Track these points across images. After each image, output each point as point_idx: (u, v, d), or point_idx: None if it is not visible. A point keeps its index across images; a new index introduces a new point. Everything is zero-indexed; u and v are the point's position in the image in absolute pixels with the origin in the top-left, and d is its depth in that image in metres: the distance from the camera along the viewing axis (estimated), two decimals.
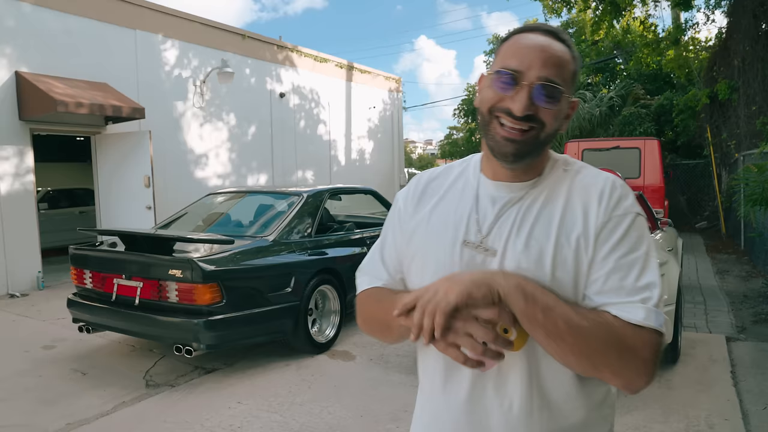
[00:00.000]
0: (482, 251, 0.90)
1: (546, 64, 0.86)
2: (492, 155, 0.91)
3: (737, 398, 3.34)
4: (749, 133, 8.87)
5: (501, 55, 0.90)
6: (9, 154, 7.06)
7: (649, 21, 11.98)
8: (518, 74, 0.86)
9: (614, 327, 0.81)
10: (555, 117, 0.88)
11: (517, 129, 0.86)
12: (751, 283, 6.56)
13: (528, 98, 0.85)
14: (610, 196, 0.88)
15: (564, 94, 0.87)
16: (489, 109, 0.89)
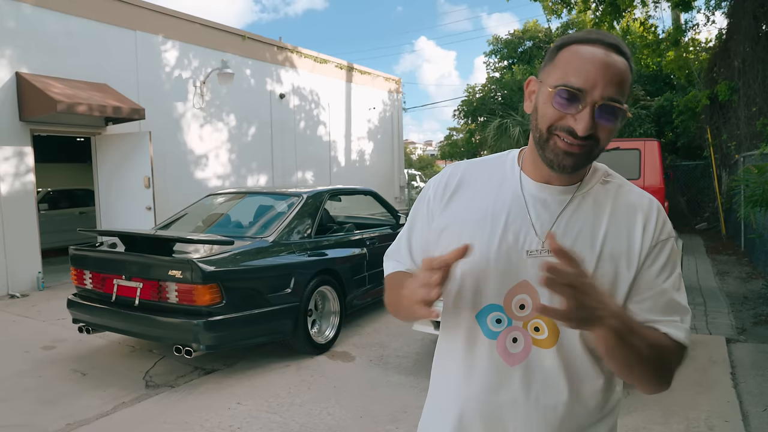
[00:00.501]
0: (546, 254, 0.90)
1: (610, 82, 0.85)
2: (546, 165, 0.92)
3: (737, 400, 3.34)
4: (749, 134, 8.87)
5: (561, 68, 0.88)
6: (9, 155, 7.07)
7: (649, 22, 11.98)
8: (581, 93, 0.85)
9: (667, 347, 0.89)
10: (611, 132, 0.89)
11: (577, 145, 0.87)
12: (751, 285, 6.56)
13: (591, 119, 0.85)
14: (657, 220, 0.93)
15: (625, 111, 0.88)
16: (548, 127, 0.89)
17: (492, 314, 0.94)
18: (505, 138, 14.46)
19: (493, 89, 17.13)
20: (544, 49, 18.93)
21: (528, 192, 0.96)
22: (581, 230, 0.92)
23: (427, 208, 1.05)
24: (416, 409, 3.26)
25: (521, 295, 0.92)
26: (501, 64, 20.05)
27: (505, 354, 0.93)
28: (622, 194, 0.96)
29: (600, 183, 0.97)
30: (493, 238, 0.94)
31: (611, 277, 0.90)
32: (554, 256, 0.77)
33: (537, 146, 0.93)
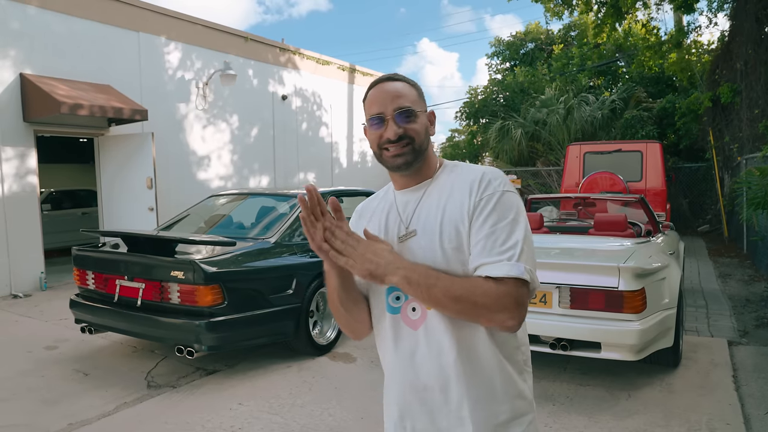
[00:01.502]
0: (410, 236, 1.19)
1: (394, 98, 1.19)
2: (393, 171, 1.24)
3: (739, 403, 3.34)
4: (752, 136, 8.86)
5: (367, 108, 1.23)
6: (13, 155, 7.10)
7: (651, 24, 11.98)
8: (381, 114, 1.19)
9: (481, 287, 1.06)
10: (419, 129, 1.20)
11: (397, 148, 1.18)
12: (754, 287, 6.54)
13: (395, 124, 1.18)
14: (481, 180, 1.17)
15: (417, 111, 1.20)
16: (377, 145, 1.21)
17: (392, 294, 1.20)
18: (507, 140, 14.46)
19: (495, 91, 17.12)
20: (545, 50, 18.94)
21: (398, 200, 1.26)
22: (430, 209, 1.19)
23: None
24: None
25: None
26: (503, 65, 20.05)
27: (409, 321, 1.18)
28: (460, 173, 1.22)
29: (447, 173, 1.24)
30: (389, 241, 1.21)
31: (454, 237, 1.14)
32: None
33: (383, 164, 1.23)
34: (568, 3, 10.93)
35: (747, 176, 5.68)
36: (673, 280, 3.79)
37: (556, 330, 3.40)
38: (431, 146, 1.27)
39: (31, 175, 7.29)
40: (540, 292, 3.49)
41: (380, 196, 1.36)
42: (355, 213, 1.39)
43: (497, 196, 1.14)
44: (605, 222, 4.49)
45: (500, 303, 1.05)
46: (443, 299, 1.07)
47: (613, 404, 3.36)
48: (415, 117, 1.20)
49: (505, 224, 1.11)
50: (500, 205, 1.13)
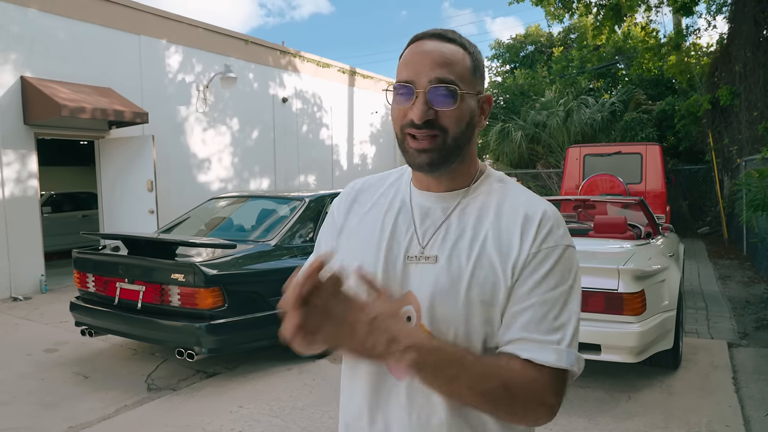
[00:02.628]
0: (424, 260, 0.88)
1: (434, 66, 0.85)
2: (414, 169, 0.92)
3: (739, 405, 3.34)
4: (751, 138, 8.87)
5: (397, 72, 0.89)
6: (14, 158, 7.11)
7: (650, 27, 12.01)
8: (411, 83, 0.85)
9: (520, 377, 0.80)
10: (458, 117, 0.86)
11: (425, 138, 0.85)
12: (754, 289, 6.54)
13: (424, 103, 0.84)
14: (542, 223, 0.86)
15: (462, 91, 0.86)
16: (400, 128, 0.88)
17: None
18: (507, 142, 14.48)
19: (495, 93, 17.16)
20: (545, 53, 18.97)
21: (414, 201, 0.94)
22: (461, 236, 0.88)
23: (333, 225, 1.02)
24: None
25: (407, 307, 0.87)
26: (503, 68, 20.08)
27: (394, 369, 0.87)
28: (508, 197, 0.91)
29: (490, 187, 0.93)
30: (380, 250, 0.91)
31: (489, 286, 0.84)
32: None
33: (402, 152, 0.91)
34: (568, 6, 10.96)
35: (746, 178, 5.68)
36: (673, 282, 3.79)
37: None
38: (474, 144, 0.94)
39: (32, 177, 7.30)
40: None
41: (390, 181, 1.02)
42: (349, 190, 1.04)
43: (559, 251, 0.85)
44: (605, 224, 4.50)
45: (540, 398, 0.80)
46: (467, 395, 0.79)
47: (613, 406, 3.36)
48: (458, 99, 0.85)
49: (561, 293, 0.84)
50: (561, 265, 0.85)
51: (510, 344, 0.83)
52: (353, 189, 1.04)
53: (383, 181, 1.03)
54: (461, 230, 0.89)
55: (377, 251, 0.91)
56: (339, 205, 1.03)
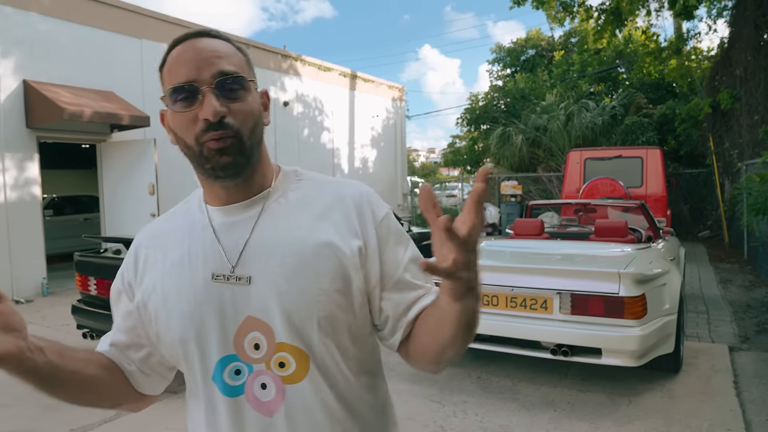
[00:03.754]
0: (234, 281, 0.81)
1: (213, 60, 0.79)
2: (213, 180, 0.83)
3: (740, 408, 3.34)
4: (752, 142, 8.88)
5: (166, 80, 0.81)
6: (16, 162, 7.13)
7: (651, 31, 12.04)
8: (194, 82, 0.78)
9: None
10: (250, 111, 0.81)
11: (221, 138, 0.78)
12: (755, 293, 6.54)
13: (216, 99, 0.78)
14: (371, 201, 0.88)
15: (248, 80, 0.82)
16: (195, 138, 0.79)
17: (229, 367, 0.81)
18: (507, 146, 14.50)
19: (496, 97, 17.19)
20: (546, 57, 19.01)
21: (216, 222, 0.86)
22: (285, 236, 0.83)
23: (124, 284, 0.92)
24: (421, 417, 3.26)
25: (252, 334, 0.81)
26: (504, 72, 20.14)
27: (259, 405, 0.80)
28: (324, 186, 0.90)
29: (293, 184, 0.90)
30: (195, 286, 0.83)
31: (340, 270, 0.81)
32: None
33: (198, 167, 0.82)
34: (569, 10, 10.99)
35: (747, 182, 5.69)
36: (674, 286, 3.79)
37: (556, 336, 3.41)
38: (264, 142, 0.87)
39: (34, 180, 7.32)
40: (541, 297, 3.50)
41: (178, 213, 0.93)
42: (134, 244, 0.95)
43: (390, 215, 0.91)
44: (606, 228, 4.51)
45: None
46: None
47: (614, 410, 3.35)
48: (246, 91, 0.81)
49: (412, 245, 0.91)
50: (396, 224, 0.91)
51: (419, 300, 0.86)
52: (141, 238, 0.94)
53: (174, 216, 0.94)
54: (281, 232, 0.83)
55: (192, 286, 0.83)
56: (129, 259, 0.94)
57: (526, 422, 3.21)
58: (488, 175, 0.65)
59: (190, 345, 0.83)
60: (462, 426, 3.19)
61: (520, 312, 3.55)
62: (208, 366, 0.83)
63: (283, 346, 0.80)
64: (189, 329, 0.82)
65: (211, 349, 0.82)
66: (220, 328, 0.82)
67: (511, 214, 12.89)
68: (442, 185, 23.19)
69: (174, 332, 0.84)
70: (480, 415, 3.31)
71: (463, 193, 17.14)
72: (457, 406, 3.44)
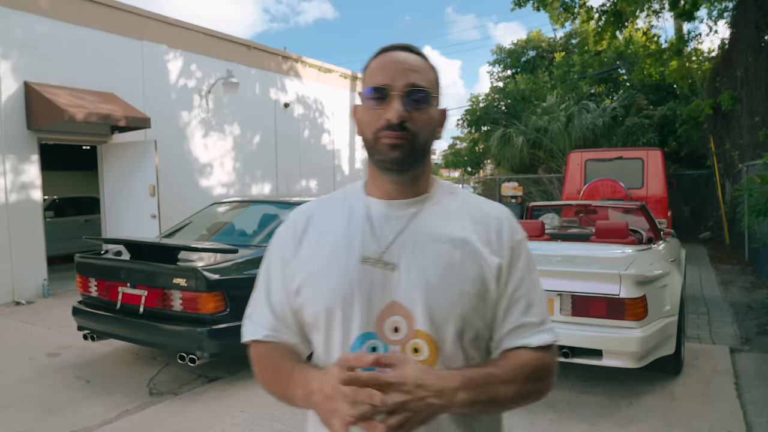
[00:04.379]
0: (381, 266, 0.91)
1: (409, 72, 0.92)
2: (382, 172, 0.94)
3: (741, 410, 3.33)
4: (752, 143, 8.88)
5: (366, 80, 0.95)
6: (17, 163, 7.14)
7: (651, 32, 12.04)
8: (387, 87, 0.91)
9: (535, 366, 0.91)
10: (427, 122, 0.93)
11: (396, 136, 0.90)
12: (756, 294, 6.53)
13: (400, 105, 0.89)
14: (510, 222, 0.97)
15: (432, 96, 0.93)
16: (373, 132, 0.92)
17: (367, 343, 0.90)
18: (508, 147, 14.50)
19: (496, 99, 17.19)
20: (547, 58, 19.01)
21: (375, 212, 0.96)
22: (438, 237, 0.92)
23: (279, 257, 1.01)
24: None
25: (393, 317, 0.90)
26: (505, 73, 20.13)
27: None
28: (473, 203, 1.00)
29: (448, 194, 1.00)
30: (350, 265, 0.92)
31: (479, 278, 0.91)
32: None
33: (370, 157, 0.95)
34: (570, 11, 10.99)
35: (748, 183, 5.69)
36: (675, 288, 3.79)
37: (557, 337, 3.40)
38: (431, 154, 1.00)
39: (35, 182, 7.33)
40: None
41: (339, 199, 1.03)
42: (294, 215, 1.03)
43: (525, 242, 0.99)
44: (606, 229, 4.50)
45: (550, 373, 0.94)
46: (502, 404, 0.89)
47: (615, 411, 3.35)
48: (428, 105, 0.92)
49: (536, 277, 0.98)
50: (528, 253, 0.98)
51: (511, 333, 0.93)
52: (301, 214, 1.03)
53: (330, 202, 1.03)
54: (434, 233, 0.93)
55: (348, 268, 0.92)
56: (287, 232, 1.02)
57: (527, 423, 3.21)
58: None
59: (335, 317, 0.92)
60: None
61: None
62: (348, 339, 0.91)
63: (420, 334, 0.89)
64: (337, 302, 0.91)
65: (353, 324, 0.91)
66: (366, 307, 0.90)
67: None
68: None
69: (321, 303, 0.93)
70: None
71: None
72: None
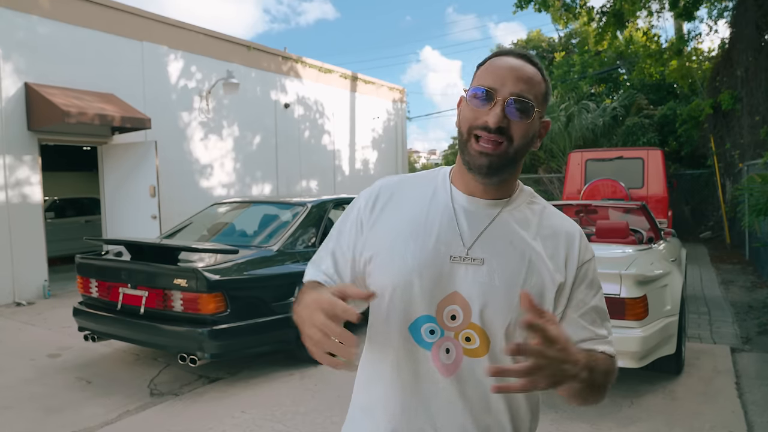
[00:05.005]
0: (469, 261, 0.94)
1: (518, 81, 0.92)
2: (468, 170, 0.96)
3: (742, 410, 3.33)
4: (753, 143, 8.88)
5: (478, 78, 0.96)
6: (18, 164, 7.14)
7: (651, 32, 12.04)
8: (493, 90, 0.92)
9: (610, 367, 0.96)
10: (525, 133, 0.93)
11: (491, 142, 0.91)
12: (756, 294, 6.53)
13: (501, 111, 0.91)
14: (581, 241, 1.00)
15: (536, 110, 0.93)
16: (468, 128, 0.94)
17: (426, 325, 0.95)
18: None
19: None
20: (547, 58, 19.01)
21: (457, 203, 0.99)
22: (508, 243, 0.95)
23: (357, 219, 1.04)
24: None
25: (452, 306, 0.94)
26: None
27: (440, 365, 0.94)
28: (547, 215, 1.02)
29: (527, 203, 1.02)
30: (424, 249, 0.95)
31: (539, 290, 0.94)
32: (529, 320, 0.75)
33: (460, 152, 0.97)
34: (571, 11, 10.99)
35: (748, 183, 5.69)
36: (675, 287, 3.79)
37: None
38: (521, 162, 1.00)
39: (35, 183, 7.33)
40: None
41: (426, 178, 1.06)
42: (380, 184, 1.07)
43: (594, 261, 1.02)
44: (607, 229, 4.50)
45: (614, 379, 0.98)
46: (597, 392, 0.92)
47: (616, 411, 3.35)
48: (530, 114, 0.93)
49: (602, 294, 1.02)
50: (596, 272, 1.02)
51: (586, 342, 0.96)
52: (388, 185, 1.06)
53: (416, 180, 1.06)
54: (507, 238, 0.96)
55: (422, 249, 0.95)
56: (370, 197, 1.05)
57: None
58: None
59: (399, 295, 0.95)
60: None
61: None
62: (410, 317, 0.95)
63: (474, 326, 0.93)
64: (406, 282, 0.94)
65: (416, 304, 0.95)
66: (431, 291, 0.94)
67: None
68: None
69: (389, 279, 0.96)
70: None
71: None
72: None
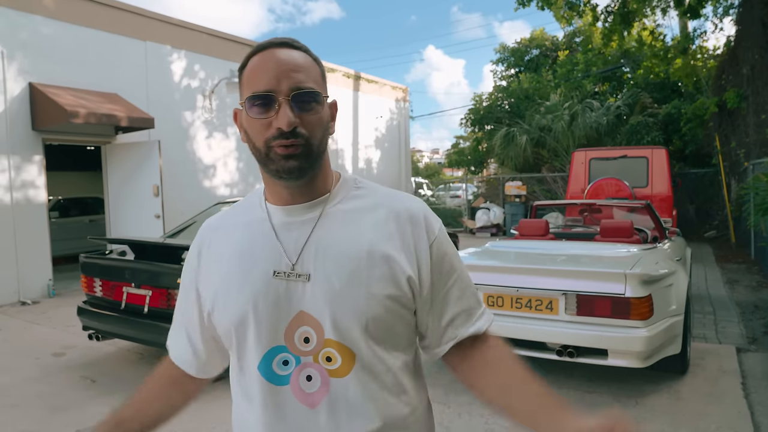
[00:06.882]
0: (294, 278, 0.86)
1: (293, 73, 0.84)
2: (278, 179, 0.88)
3: (748, 410, 3.31)
4: (758, 141, 8.82)
5: (245, 85, 0.87)
6: (22, 164, 7.17)
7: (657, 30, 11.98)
8: (272, 93, 0.83)
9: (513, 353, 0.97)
10: (320, 122, 0.87)
11: (288, 144, 0.83)
12: (762, 293, 6.49)
13: (290, 110, 0.83)
14: (426, 214, 0.93)
15: (322, 95, 0.87)
16: (264, 142, 0.84)
17: (278, 357, 0.86)
18: (512, 146, 14.46)
19: (500, 97, 17.16)
20: (550, 57, 18.96)
21: (275, 218, 0.91)
22: (341, 239, 0.87)
23: (191, 282, 1.00)
24: None
25: (303, 328, 0.86)
26: (508, 72, 20.09)
27: (303, 396, 0.86)
28: (381, 199, 0.93)
29: (352, 191, 0.94)
30: (251, 278, 0.88)
31: (390, 278, 0.86)
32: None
33: (263, 167, 0.88)
34: (575, 9, 10.95)
35: (754, 182, 5.65)
36: (680, 287, 3.77)
37: (562, 337, 3.39)
38: (328, 151, 0.93)
39: (40, 182, 7.36)
40: (546, 298, 3.48)
41: (242, 208, 0.98)
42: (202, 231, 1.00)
43: (443, 230, 0.95)
44: (611, 228, 4.48)
45: None
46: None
47: (620, 411, 3.33)
48: (319, 105, 0.86)
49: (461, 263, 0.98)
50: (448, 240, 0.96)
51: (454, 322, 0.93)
52: (205, 229, 1.00)
53: (234, 212, 0.99)
54: (337, 235, 0.88)
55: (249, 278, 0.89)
56: (193, 250, 1.00)
57: None
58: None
59: (243, 333, 0.89)
60: (467, 427, 3.18)
61: (526, 313, 3.54)
62: (258, 354, 0.88)
63: (330, 342, 0.85)
64: (243, 318, 0.88)
65: (262, 338, 0.87)
66: (272, 320, 0.87)
67: (515, 215, 12.86)
68: (446, 186, 23.15)
69: (227, 320, 0.90)
70: (485, 417, 3.29)
71: (467, 194, 17.12)
72: (462, 408, 3.42)
